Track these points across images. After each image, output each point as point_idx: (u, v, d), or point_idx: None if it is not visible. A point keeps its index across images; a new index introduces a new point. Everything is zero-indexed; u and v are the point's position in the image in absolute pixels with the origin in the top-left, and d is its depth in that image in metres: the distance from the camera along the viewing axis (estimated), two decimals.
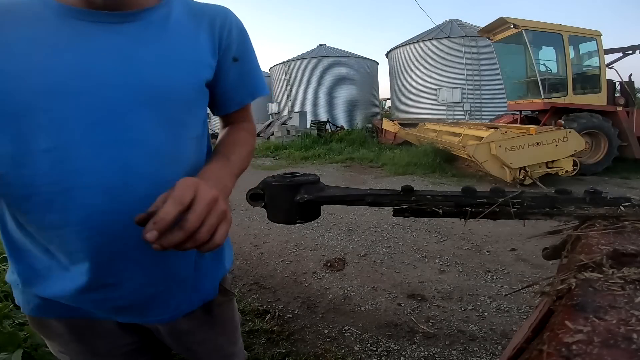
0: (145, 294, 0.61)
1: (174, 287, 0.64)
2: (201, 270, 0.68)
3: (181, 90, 0.57)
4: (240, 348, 0.85)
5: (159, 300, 0.63)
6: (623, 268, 0.27)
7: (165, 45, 0.56)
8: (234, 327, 0.81)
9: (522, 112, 7.39)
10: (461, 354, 1.75)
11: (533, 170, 4.94)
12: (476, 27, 12.29)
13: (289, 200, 0.38)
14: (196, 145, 0.63)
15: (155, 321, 0.67)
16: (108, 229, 0.53)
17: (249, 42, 0.68)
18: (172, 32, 0.57)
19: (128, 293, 0.59)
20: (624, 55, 6.63)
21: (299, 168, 7.79)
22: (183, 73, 0.57)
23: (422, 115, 13.22)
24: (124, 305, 0.60)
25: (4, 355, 1.20)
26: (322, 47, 18.15)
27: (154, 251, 0.45)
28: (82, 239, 0.53)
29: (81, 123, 0.50)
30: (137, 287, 0.59)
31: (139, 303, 0.61)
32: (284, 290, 2.46)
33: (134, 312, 0.63)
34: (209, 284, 0.71)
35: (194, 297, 0.68)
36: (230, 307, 0.80)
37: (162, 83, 0.55)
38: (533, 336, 0.28)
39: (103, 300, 0.59)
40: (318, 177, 0.41)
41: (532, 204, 0.34)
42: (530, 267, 2.62)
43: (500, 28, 6.60)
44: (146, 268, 0.59)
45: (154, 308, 0.63)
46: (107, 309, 0.61)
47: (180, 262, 0.63)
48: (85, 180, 0.51)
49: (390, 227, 3.60)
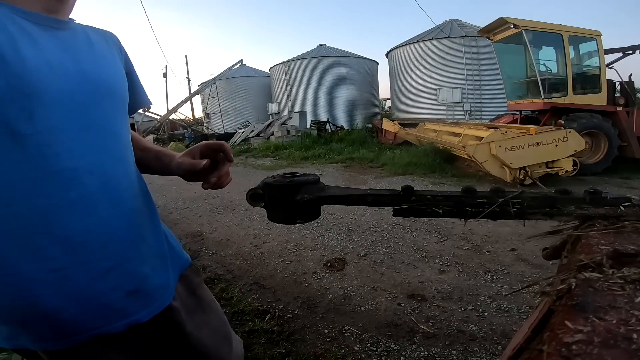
0: (143, 273, 0.67)
1: (158, 264, 0.71)
2: (170, 245, 0.78)
3: (122, 87, 0.70)
4: (232, 330, 0.89)
5: (154, 279, 0.69)
6: (623, 268, 0.27)
7: (98, 51, 0.66)
8: (218, 307, 0.88)
9: (522, 112, 7.38)
10: (461, 354, 1.75)
11: (533, 170, 4.94)
12: (476, 27, 12.29)
13: (289, 200, 0.38)
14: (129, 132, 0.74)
15: (164, 304, 0.71)
16: (96, 209, 0.59)
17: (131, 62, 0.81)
18: (94, 43, 0.67)
19: (130, 275, 0.64)
20: (624, 55, 6.63)
21: (299, 168, 7.79)
22: (119, 74, 0.70)
23: (422, 115, 13.22)
24: (133, 288, 0.65)
25: (4, 356, 1.20)
26: (322, 47, 18.16)
27: (135, 230, 0.64)
28: (76, 221, 0.57)
29: (61, 110, 0.56)
30: (134, 267, 0.65)
31: (143, 285, 0.67)
32: (284, 290, 2.46)
33: (142, 297, 0.67)
34: (179, 257, 0.81)
35: (174, 271, 0.77)
36: (205, 287, 0.88)
37: (111, 80, 0.66)
38: (533, 336, 0.28)
39: (118, 285, 0.63)
40: (318, 177, 0.41)
41: (532, 204, 0.34)
42: (530, 267, 2.62)
43: (500, 28, 6.59)
44: (134, 245, 0.66)
45: (155, 290, 0.69)
46: (124, 296, 0.64)
47: (156, 239, 0.73)
48: (70, 163, 0.57)
49: (390, 227, 3.60)
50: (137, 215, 0.68)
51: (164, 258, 0.74)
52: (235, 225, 3.85)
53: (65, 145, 0.56)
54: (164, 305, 0.71)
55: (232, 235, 3.59)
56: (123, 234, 0.64)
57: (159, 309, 0.70)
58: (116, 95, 0.67)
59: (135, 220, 0.67)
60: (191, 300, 0.79)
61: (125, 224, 0.64)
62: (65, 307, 0.58)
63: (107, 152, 0.62)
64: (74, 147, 0.57)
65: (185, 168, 0.75)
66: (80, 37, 0.65)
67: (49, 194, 0.55)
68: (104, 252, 0.61)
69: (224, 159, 0.75)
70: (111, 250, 0.62)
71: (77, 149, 0.57)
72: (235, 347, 0.87)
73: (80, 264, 0.58)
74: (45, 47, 0.56)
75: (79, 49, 0.63)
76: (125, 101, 0.71)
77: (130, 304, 0.65)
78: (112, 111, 0.65)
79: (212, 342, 0.80)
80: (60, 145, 0.56)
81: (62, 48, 0.59)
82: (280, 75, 17.80)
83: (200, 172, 0.74)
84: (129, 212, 0.65)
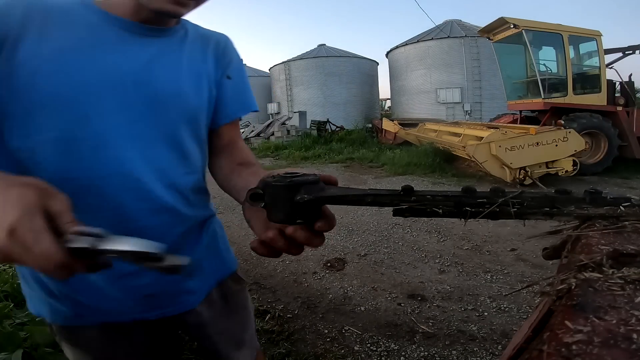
0: (165, 280, 0.65)
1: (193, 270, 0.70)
2: (212, 251, 0.75)
3: (192, 97, 0.66)
4: (251, 335, 0.89)
5: (178, 286, 0.69)
6: (623, 268, 0.27)
7: (180, 58, 0.66)
8: (247, 314, 0.87)
9: (522, 112, 7.38)
10: (461, 354, 1.75)
11: (533, 170, 4.94)
12: (476, 27, 12.28)
13: (289, 200, 0.38)
14: (200, 146, 0.70)
15: (183, 308, 0.71)
16: (137, 215, 0.60)
17: (242, 65, 0.79)
18: (186, 49, 0.67)
19: (153, 281, 0.64)
20: (624, 55, 6.63)
21: (299, 168, 7.77)
22: (197, 84, 0.67)
23: (422, 115, 13.21)
24: (154, 292, 0.66)
25: (4, 355, 1.20)
26: (322, 47, 18.15)
27: (174, 239, 0.64)
28: (115, 223, 0.57)
29: (115, 117, 0.57)
30: (157, 275, 0.63)
31: (163, 290, 0.67)
32: (284, 290, 2.46)
33: (164, 301, 0.68)
34: (222, 264, 0.79)
35: (210, 278, 0.76)
36: (243, 295, 0.86)
37: (181, 91, 0.64)
38: (533, 336, 0.28)
39: (136, 288, 0.64)
40: (318, 177, 0.41)
41: (532, 204, 0.34)
42: (530, 267, 2.62)
43: (500, 28, 6.59)
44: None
45: (178, 295, 0.70)
46: (139, 299, 0.66)
47: (194, 250, 0.71)
48: (120, 169, 0.57)
49: (390, 227, 3.60)
50: (173, 227, 0.66)
51: (200, 268, 0.72)
52: (235, 226, 3.85)
53: (110, 152, 0.57)
54: (182, 310, 0.71)
55: (232, 235, 3.59)
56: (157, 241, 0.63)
57: (173, 312, 0.71)
58: (181, 106, 0.64)
59: (172, 230, 0.66)
60: (222, 306, 0.78)
61: (159, 234, 0.61)
62: (81, 290, 0.62)
63: (155, 161, 0.61)
64: (119, 153, 0.57)
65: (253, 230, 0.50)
66: (172, 45, 0.65)
67: (96, 194, 0.57)
68: None
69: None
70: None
71: (123, 155, 0.58)
72: (246, 354, 0.86)
73: None
74: (121, 54, 0.58)
75: (162, 55, 0.63)
76: (195, 111, 0.67)
77: (142, 304, 0.67)
78: (176, 121, 0.63)
79: (225, 349, 0.81)
80: (108, 151, 0.57)
81: (143, 57, 0.60)
82: (280, 75, 17.80)
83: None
84: (165, 222, 0.64)
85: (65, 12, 0.56)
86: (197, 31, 0.72)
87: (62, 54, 0.54)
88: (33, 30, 0.53)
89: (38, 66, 0.52)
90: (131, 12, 0.60)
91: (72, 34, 0.56)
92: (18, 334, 1.30)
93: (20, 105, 0.53)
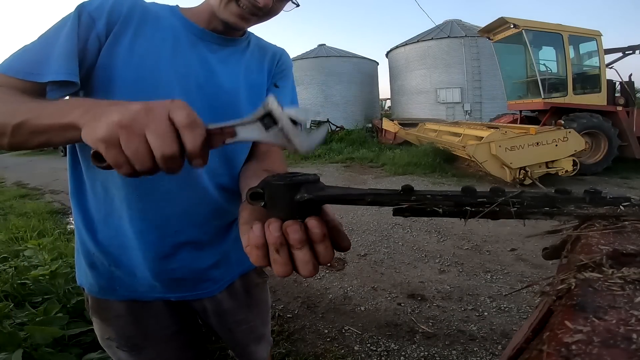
0: (193, 268, 0.73)
1: (216, 262, 0.76)
2: (239, 244, 0.76)
3: (241, 103, 0.73)
4: (269, 331, 0.95)
5: (204, 274, 0.75)
6: (623, 268, 0.27)
7: (239, 67, 0.74)
8: (267, 309, 0.94)
9: (522, 112, 7.39)
10: (461, 354, 1.75)
11: (533, 170, 4.94)
12: (476, 27, 12.29)
13: (289, 199, 0.38)
14: (243, 152, 0.77)
15: (204, 295, 0.78)
16: (187, 203, 0.68)
17: (292, 77, 0.86)
18: (245, 58, 0.75)
19: (182, 265, 0.71)
20: (624, 55, 6.63)
21: (299, 168, 7.79)
22: (246, 92, 0.74)
23: (422, 115, 13.22)
24: (181, 276, 0.73)
25: (4, 355, 1.21)
26: (322, 47, 18.14)
27: (211, 230, 0.72)
28: (166, 205, 0.66)
29: None
30: (189, 261, 0.72)
31: (189, 276, 0.74)
32: (284, 290, 2.46)
33: (187, 286, 0.75)
34: (246, 258, 0.79)
35: (235, 269, 0.81)
36: (264, 288, 0.92)
37: (230, 96, 0.71)
38: (533, 336, 0.28)
39: (167, 271, 0.71)
40: (318, 177, 0.41)
41: (532, 204, 0.34)
42: (530, 267, 2.62)
43: (500, 28, 6.60)
44: (199, 248, 0.73)
45: (203, 281, 0.76)
46: (166, 281, 0.72)
47: (223, 241, 0.77)
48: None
49: (390, 227, 3.60)
50: (213, 219, 0.74)
51: (227, 259, 0.79)
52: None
53: None
54: (202, 296, 0.78)
55: None
56: (194, 232, 0.71)
57: (193, 297, 0.77)
58: (235, 114, 0.66)
59: (211, 222, 0.74)
60: (243, 298, 0.85)
61: (200, 222, 0.72)
62: (122, 265, 0.70)
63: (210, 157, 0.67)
64: None
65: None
66: (235, 54, 0.73)
67: (152, 179, 0.63)
68: (171, 240, 0.69)
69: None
70: (176, 242, 0.70)
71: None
72: (264, 348, 0.93)
73: (147, 243, 0.68)
74: (190, 58, 0.66)
75: (225, 65, 0.70)
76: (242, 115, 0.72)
77: (167, 285, 0.73)
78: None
79: (244, 340, 0.88)
80: None
81: (209, 63, 0.68)
82: None
83: None
84: (208, 213, 0.72)
85: (157, 17, 0.65)
86: (258, 43, 0.80)
87: (149, 52, 0.62)
88: (130, 29, 0.62)
89: (129, 59, 0.61)
90: (205, 21, 0.68)
91: (159, 35, 0.64)
92: (18, 334, 1.30)
93: (105, 88, 0.60)
